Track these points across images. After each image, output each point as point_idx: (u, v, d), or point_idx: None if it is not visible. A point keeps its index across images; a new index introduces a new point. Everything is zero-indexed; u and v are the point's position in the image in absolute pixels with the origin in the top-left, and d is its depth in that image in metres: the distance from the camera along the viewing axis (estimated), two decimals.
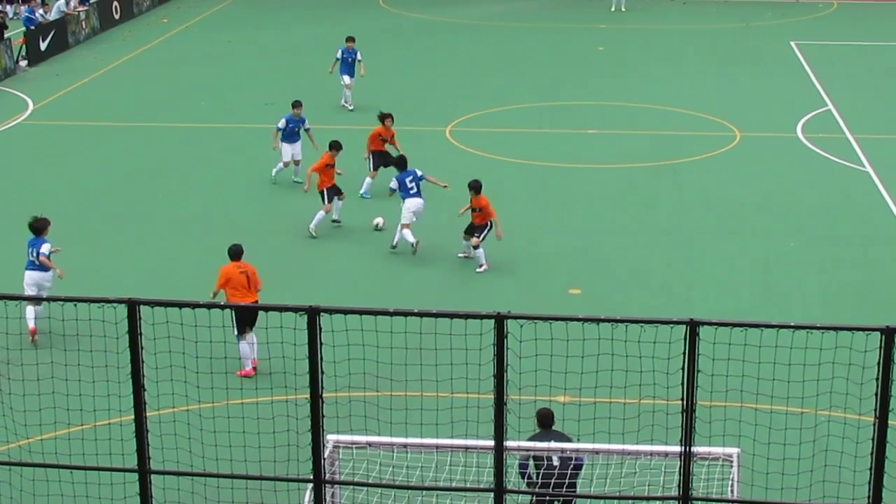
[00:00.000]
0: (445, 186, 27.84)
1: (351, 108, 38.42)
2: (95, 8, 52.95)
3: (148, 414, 12.95)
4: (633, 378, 14.58)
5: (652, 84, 42.65)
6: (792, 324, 12.91)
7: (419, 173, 27.15)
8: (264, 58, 47.86)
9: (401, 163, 27.59)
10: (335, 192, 28.16)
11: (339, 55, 38.63)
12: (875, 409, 12.60)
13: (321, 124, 34.23)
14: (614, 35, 52.62)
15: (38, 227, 22.65)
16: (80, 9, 51.25)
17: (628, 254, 26.48)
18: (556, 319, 13.08)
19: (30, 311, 21.88)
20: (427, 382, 15.16)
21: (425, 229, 27.36)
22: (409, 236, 26.47)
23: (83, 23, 51.08)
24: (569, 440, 15.41)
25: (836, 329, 12.96)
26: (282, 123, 31.08)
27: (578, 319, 13.07)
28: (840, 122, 37.11)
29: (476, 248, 25.53)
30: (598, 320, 13.01)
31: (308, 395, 13.07)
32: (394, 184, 27.04)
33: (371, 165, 30.61)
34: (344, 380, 15.33)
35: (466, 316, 13.15)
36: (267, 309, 13.65)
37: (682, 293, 24.32)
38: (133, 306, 12.67)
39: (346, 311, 13.37)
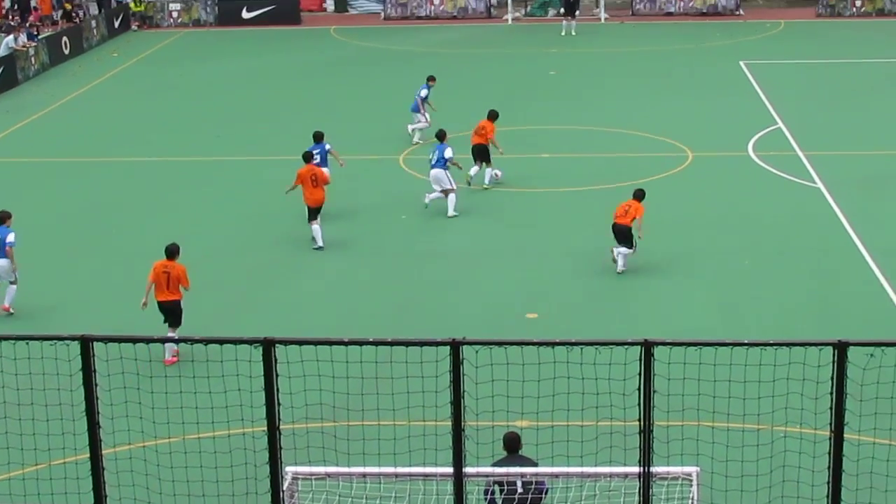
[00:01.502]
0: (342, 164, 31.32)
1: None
2: (45, 43, 52.79)
3: (104, 451, 12.86)
4: (591, 400, 14.60)
5: (604, 107, 42.85)
6: (746, 341, 12.95)
7: (327, 147, 30.84)
8: (215, 89, 47.81)
9: (315, 136, 31.17)
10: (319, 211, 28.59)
11: (424, 94, 38.13)
12: (830, 423, 12.65)
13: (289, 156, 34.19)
14: (566, 59, 52.87)
15: (2, 217, 24.92)
16: (29, 45, 51.05)
17: (585, 276, 26.50)
18: (511, 344, 13.07)
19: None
20: (384, 411, 15.12)
21: (386, 256, 27.44)
22: None
23: (32, 59, 50.90)
24: (535, 465, 15.39)
25: (789, 345, 13.02)
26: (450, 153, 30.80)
27: (533, 343, 13.08)
28: (790, 139, 37.34)
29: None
30: (552, 344, 13.01)
31: (265, 428, 13.03)
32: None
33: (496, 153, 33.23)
34: (301, 411, 15.27)
35: (422, 343, 13.12)
36: (221, 342, 13.59)
37: (639, 314, 24.35)
38: (86, 343, 12.59)
39: (300, 342, 13.33)
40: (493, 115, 33.51)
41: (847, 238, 28.36)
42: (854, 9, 63.63)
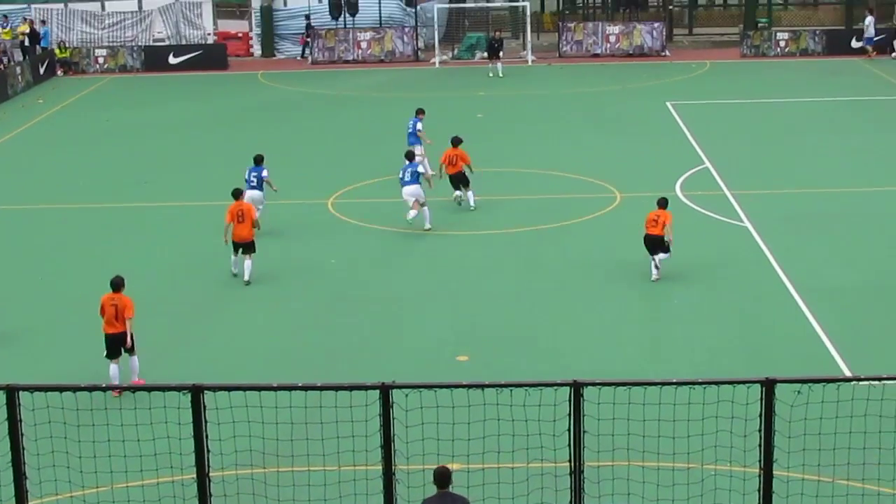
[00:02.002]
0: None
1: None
2: None
3: (30, 502, 12.71)
4: (521, 442, 14.63)
5: (532, 149, 43.02)
6: (675, 380, 13.06)
7: (265, 173, 32.28)
8: (143, 136, 47.56)
9: (256, 158, 32.59)
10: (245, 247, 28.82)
11: (418, 127, 38.63)
12: (760, 460, 12.74)
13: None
14: (494, 102, 53.09)
15: None
16: None
17: (515, 318, 26.50)
18: (441, 387, 13.12)
19: None
20: (314, 456, 15.06)
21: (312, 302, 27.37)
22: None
23: None
24: (465, 501, 15.37)
25: (717, 383, 13.12)
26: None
27: (463, 386, 13.12)
28: (718, 179, 37.64)
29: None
30: (482, 386, 13.06)
31: (195, 475, 12.94)
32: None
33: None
34: (231, 457, 15.19)
35: (351, 387, 13.13)
36: (150, 389, 13.52)
37: (570, 355, 24.35)
38: (12, 393, 12.47)
39: (229, 388, 13.30)
40: (459, 141, 35.06)
41: (774, 276, 28.58)
42: (778, 49, 64.49)
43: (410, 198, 32.34)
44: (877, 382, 15.37)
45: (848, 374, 22.35)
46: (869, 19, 63.42)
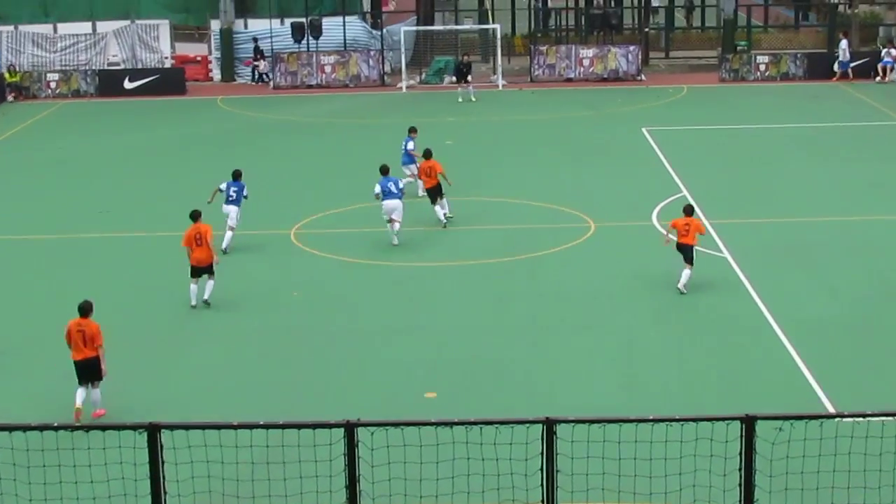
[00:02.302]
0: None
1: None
2: None
3: None
4: (492, 482, 14.20)
5: (503, 176, 42.69)
6: (651, 417, 12.75)
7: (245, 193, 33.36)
8: (98, 164, 47.03)
9: (234, 174, 33.58)
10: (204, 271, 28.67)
11: (409, 147, 39.41)
12: (740, 500, 12.46)
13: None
14: (463, 128, 52.76)
15: None
16: None
17: (486, 352, 25.94)
18: (408, 425, 12.85)
19: None
20: (276, 497, 14.62)
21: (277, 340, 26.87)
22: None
23: None
24: None
25: (695, 420, 12.81)
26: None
27: (431, 424, 12.81)
28: (695, 207, 37.22)
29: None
30: (451, 423, 12.74)
31: None
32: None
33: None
34: (189, 499, 14.83)
35: (314, 426, 12.89)
36: (104, 428, 13.23)
37: (543, 391, 23.82)
38: None
39: (187, 427, 13.02)
40: (431, 153, 36.23)
41: (754, 307, 28.18)
42: (758, 73, 64.31)
43: (391, 212, 32.76)
44: (861, 419, 14.96)
45: (831, 410, 21.98)
46: (843, 43, 63.36)
